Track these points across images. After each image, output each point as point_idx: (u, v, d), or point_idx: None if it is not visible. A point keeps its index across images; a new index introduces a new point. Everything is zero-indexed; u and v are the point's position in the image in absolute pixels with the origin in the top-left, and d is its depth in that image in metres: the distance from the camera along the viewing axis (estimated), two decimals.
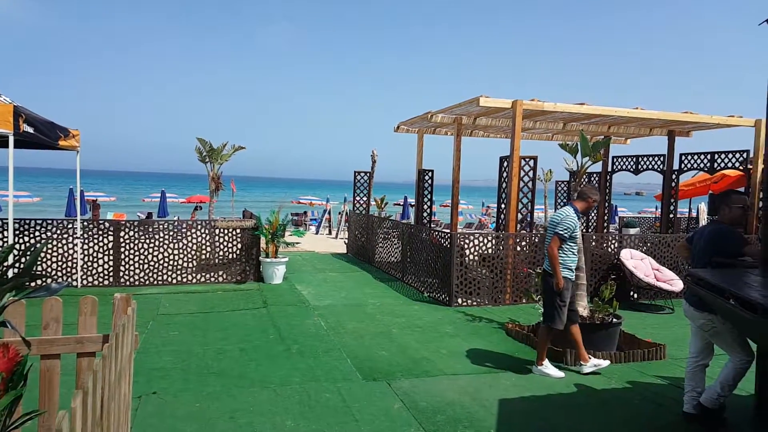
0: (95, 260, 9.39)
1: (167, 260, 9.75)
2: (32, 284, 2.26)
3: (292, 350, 6.19)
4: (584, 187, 5.80)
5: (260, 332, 6.88)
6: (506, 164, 9.73)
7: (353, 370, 5.59)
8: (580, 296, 6.21)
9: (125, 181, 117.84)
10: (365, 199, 15.05)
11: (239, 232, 10.21)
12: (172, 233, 9.87)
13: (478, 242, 8.94)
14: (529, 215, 9.92)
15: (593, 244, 9.59)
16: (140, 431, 4.06)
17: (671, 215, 12.28)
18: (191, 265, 9.92)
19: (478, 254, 8.97)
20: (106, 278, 9.44)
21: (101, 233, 9.49)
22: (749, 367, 4.19)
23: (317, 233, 23.63)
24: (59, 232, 9.27)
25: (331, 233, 23.59)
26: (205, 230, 10.04)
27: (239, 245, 10.19)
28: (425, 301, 9.13)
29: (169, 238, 9.81)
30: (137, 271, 9.60)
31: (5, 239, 8.87)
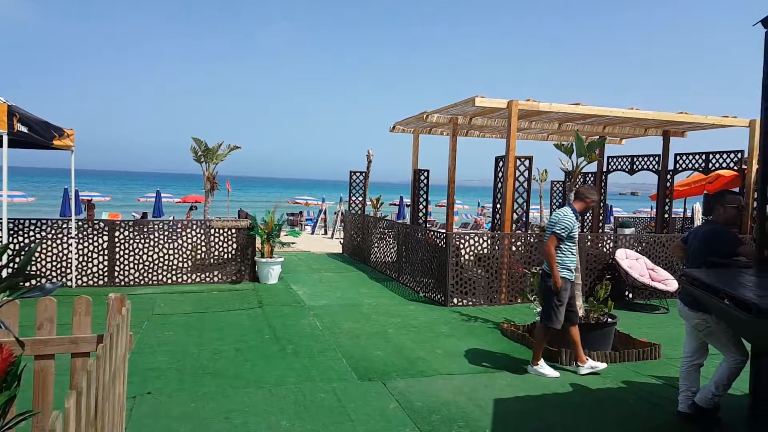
0: (90, 260, 9.36)
1: (162, 260, 9.73)
2: (26, 284, 2.25)
3: (287, 350, 6.18)
4: (582, 187, 5.84)
5: (255, 332, 6.87)
6: (502, 164, 9.75)
7: (348, 370, 5.59)
8: (575, 296, 6.22)
9: (121, 180, 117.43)
10: (361, 199, 15.04)
11: (235, 232, 10.19)
12: (167, 233, 9.84)
13: (473, 242, 8.95)
14: (524, 215, 9.95)
15: (588, 244, 9.62)
16: (135, 431, 4.06)
17: (666, 215, 12.32)
18: (186, 265, 9.90)
19: (473, 254, 8.98)
20: (100, 278, 9.41)
21: (96, 233, 9.46)
22: (744, 366, 4.21)
23: (313, 233, 23.61)
24: (54, 231, 9.24)
25: (326, 233, 23.57)
26: (200, 230, 10.02)
27: (234, 245, 10.17)
28: (421, 301, 9.13)
29: (164, 238, 9.78)
30: (132, 271, 9.57)
31: None
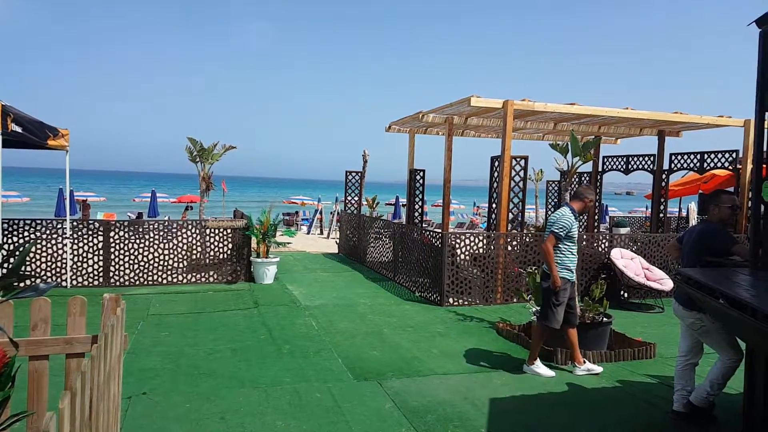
0: (85, 260, 9.32)
1: (158, 260, 9.70)
2: (20, 284, 2.24)
3: (283, 350, 6.17)
4: (580, 187, 5.88)
5: (251, 333, 6.86)
6: (497, 164, 9.76)
7: (344, 370, 5.58)
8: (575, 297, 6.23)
9: (116, 181, 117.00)
10: (357, 198, 15.04)
11: (230, 232, 10.16)
12: (162, 233, 9.81)
13: (469, 242, 8.96)
14: (520, 215, 9.96)
15: (584, 243, 9.64)
16: None
17: (661, 215, 12.37)
18: (182, 265, 9.87)
19: (469, 254, 8.99)
20: (95, 278, 9.37)
21: (91, 233, 9.42)
22: (738, 365, 4.22)
23: (309, 233, 23.58)
24: (48, 232, 9.19)
25: (322, 233, 23.55)
26: (195, 230, 9.99)
27: (230, 245, 10.15)
28: (417, 300, 9.13)
29: (159, 238, 9.75)
30: (127, 271, 9.54)
31: None
